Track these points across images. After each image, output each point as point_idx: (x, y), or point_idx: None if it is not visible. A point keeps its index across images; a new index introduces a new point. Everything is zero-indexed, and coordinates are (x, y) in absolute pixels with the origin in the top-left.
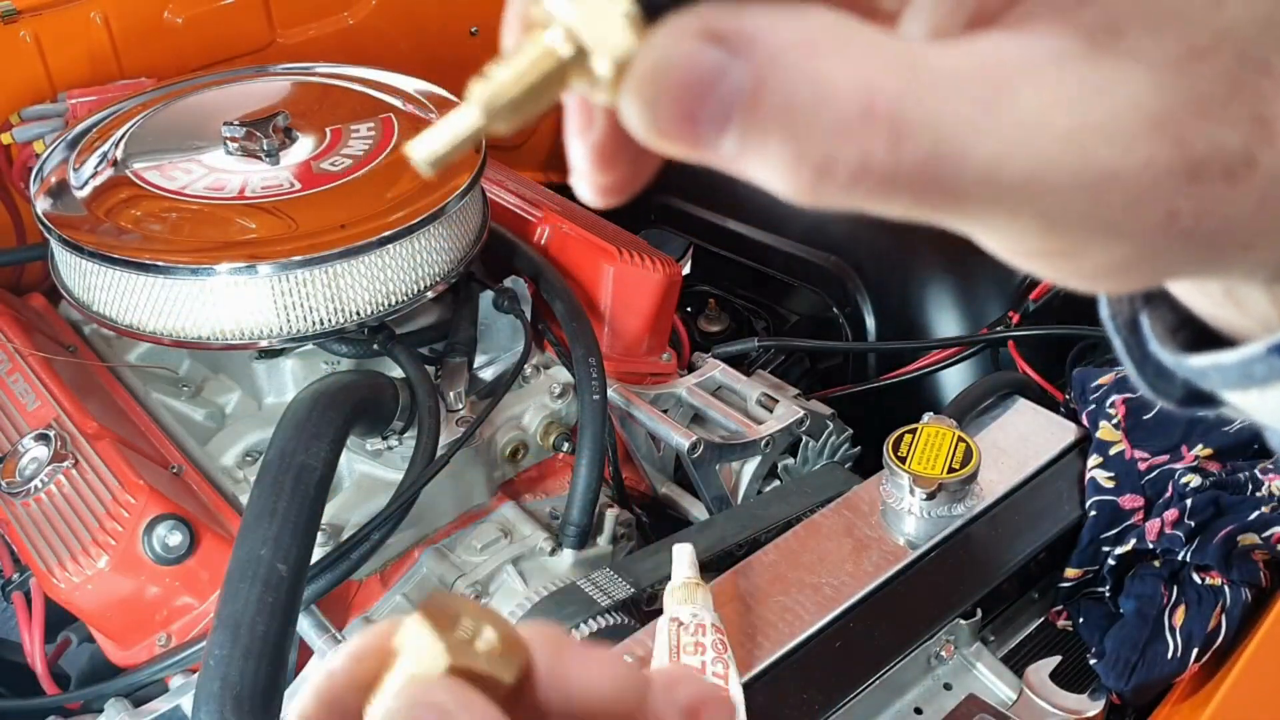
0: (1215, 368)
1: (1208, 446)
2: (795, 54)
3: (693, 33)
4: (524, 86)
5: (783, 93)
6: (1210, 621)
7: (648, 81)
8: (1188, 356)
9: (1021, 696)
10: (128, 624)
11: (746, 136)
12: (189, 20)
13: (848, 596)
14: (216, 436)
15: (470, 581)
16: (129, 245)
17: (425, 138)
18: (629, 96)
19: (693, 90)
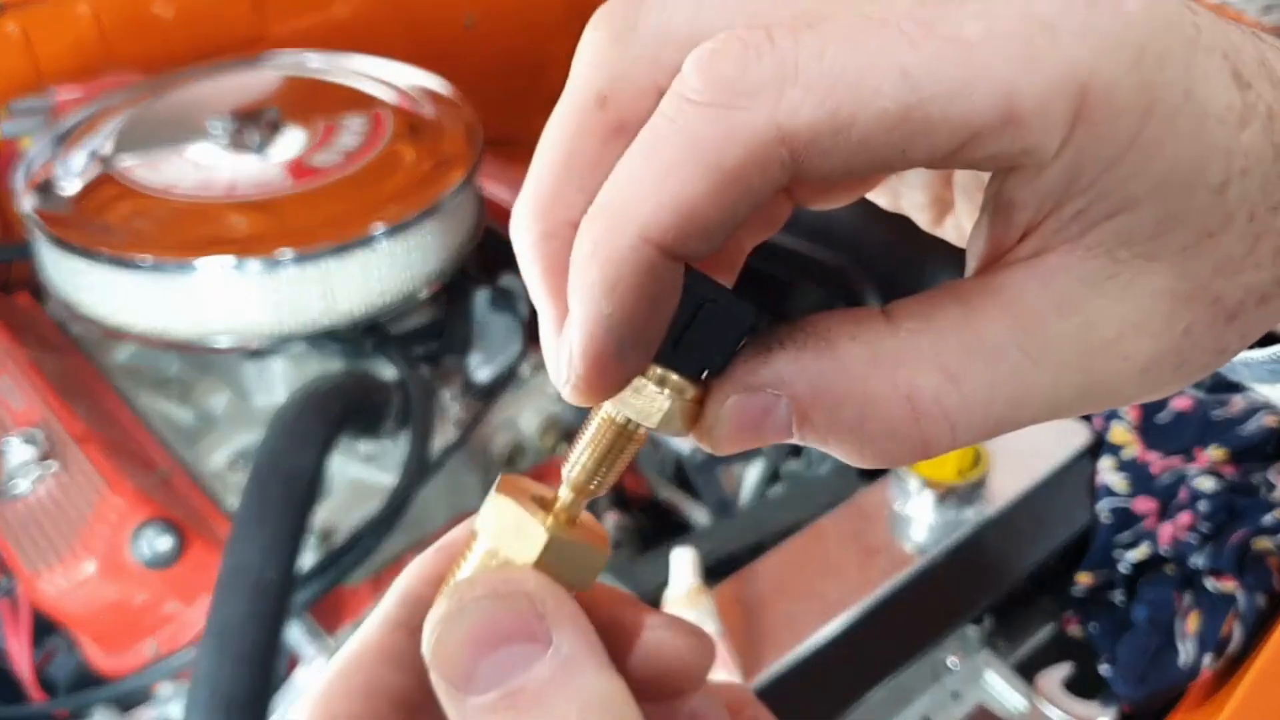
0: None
1: (1222, 448)
2: (832, 385)
3: (730, 392)
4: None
5: (829, 416)
6: (1223, 628)
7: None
8: None
9: (1032, 705)
10: (115, 629)
11: (806, 440)
12: (179, 13)
13: (854, 603)
14: (205, 439)
15: None
16: (116, 242)
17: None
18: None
19: (747, 433)
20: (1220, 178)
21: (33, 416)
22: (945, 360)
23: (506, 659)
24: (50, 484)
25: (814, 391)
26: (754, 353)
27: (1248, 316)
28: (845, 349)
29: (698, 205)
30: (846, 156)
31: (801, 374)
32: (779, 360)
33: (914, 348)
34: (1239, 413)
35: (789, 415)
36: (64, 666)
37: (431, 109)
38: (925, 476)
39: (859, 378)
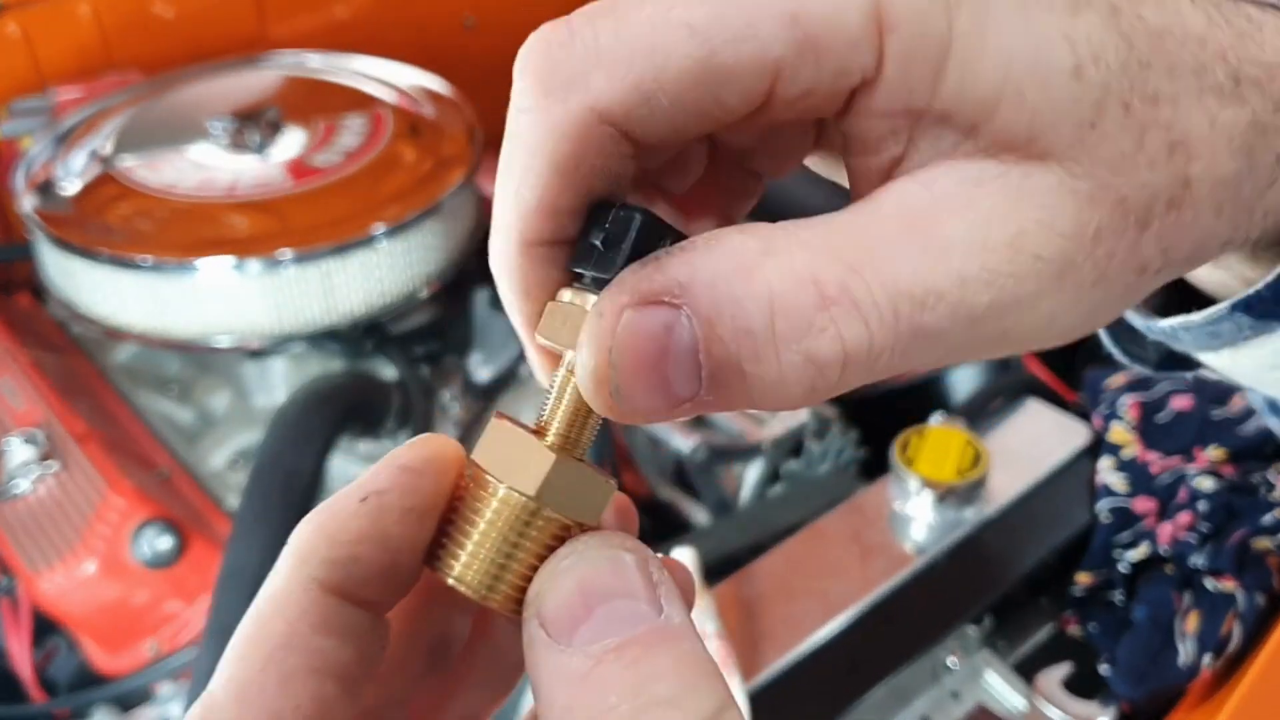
0: (1184, 327)
1: (1221, 448)
2: (728, 281)
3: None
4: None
5: (734, 321)
6: (1223, 627)
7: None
8: (1157, 320)
9: (1032, 704)
10: (115, 629)
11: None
12: (180, 13)
13: (853, 603)
14: (205, 438)
15: None
16: (116, 243)
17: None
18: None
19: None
20: (1069, 61)
21: (34, 417)
22: (844, 253)
23: (617, 613)
24: (51, 484)
25: (713, 294)
26: (643, 264)
27: (1161, 225)
28: (737, 243)
29: (554, 197)
30: (669, 118)
31: (697, 274)
32: (669, 264)
33: (806, 239)
34: (1238, 413)
35: (692, 338)
36: (64, 666)
37: (431, 109)
38: (925, 476)
39: (758, 269)
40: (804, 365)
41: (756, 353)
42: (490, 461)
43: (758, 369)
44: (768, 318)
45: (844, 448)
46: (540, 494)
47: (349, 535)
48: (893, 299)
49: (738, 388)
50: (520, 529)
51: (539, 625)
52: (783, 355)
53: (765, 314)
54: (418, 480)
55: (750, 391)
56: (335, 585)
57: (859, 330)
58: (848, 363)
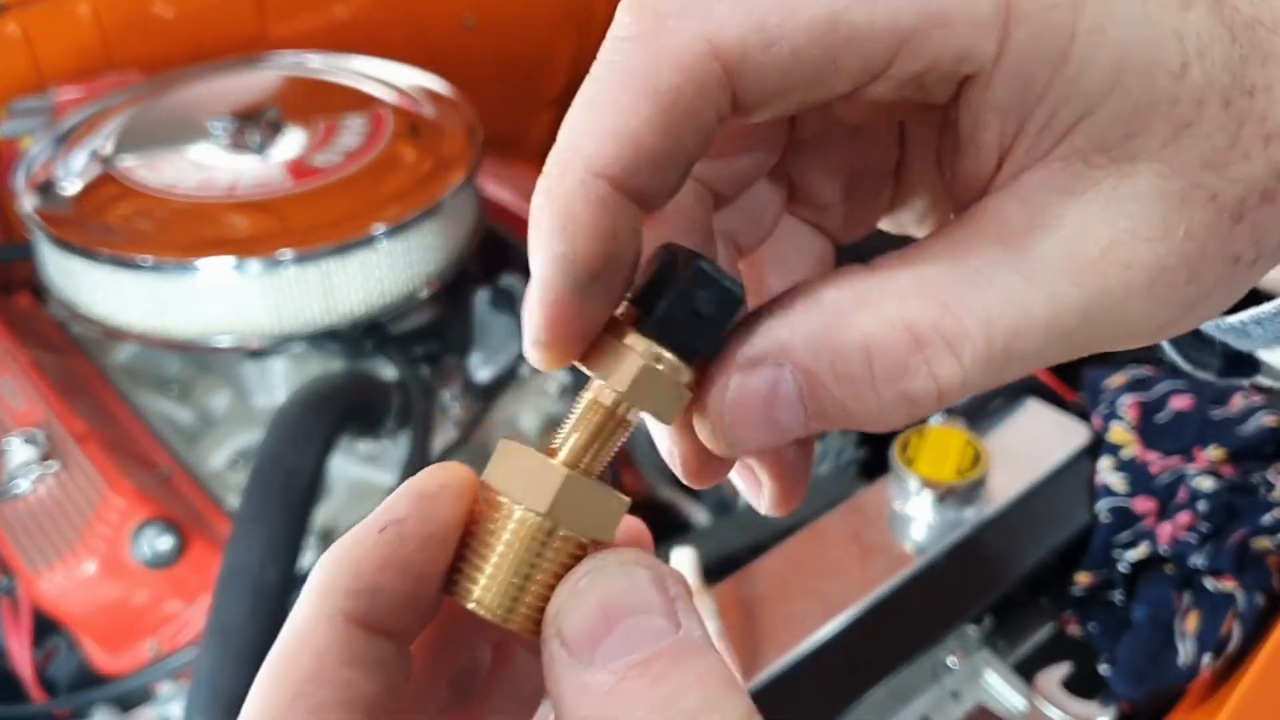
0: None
1: (1221, 448)
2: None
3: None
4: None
5: (834, 370)
6: (1223, 627)
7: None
8: (1225, 317)
9: (1031, 704)
10: (115, 629)
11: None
12: (180, 13)
13: (853, 603)
14: (205, 438)
15: None
16: (117, 243)
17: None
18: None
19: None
20: (1177, 60)
21: (34, 417)
22: (934, 290)
23: (638, 630)
24: (51, 484)
25: (813, 348)
26: (743, 328)
27: (1254, 217)
28: (831, 297)
29: (640, 132)
30: (781, 71)
31: (796, 332)
32: (770, 326)
33: (898, 283)
34: (1238, 413)
35: (797, 388)
36: (65, 666)
37: (431, 109)
38: (925, 476)
39: (852, 320)
40: (901, 401)
41: (858, 394)
42: (502, 483)
43: (859, 406)
44: (865, 362)
45: (844, 448)
46: (553, 511)
47: (371, 565)
48: (986, 330)
49: (841, 419)
50: (536, 549)
51: (560, 644)
52: (882, 395)
53: (863, 362)
54: (434, 506)
55: (852, 421)
56: (360, 616)
57: (952, 367)
58: (942, 395)
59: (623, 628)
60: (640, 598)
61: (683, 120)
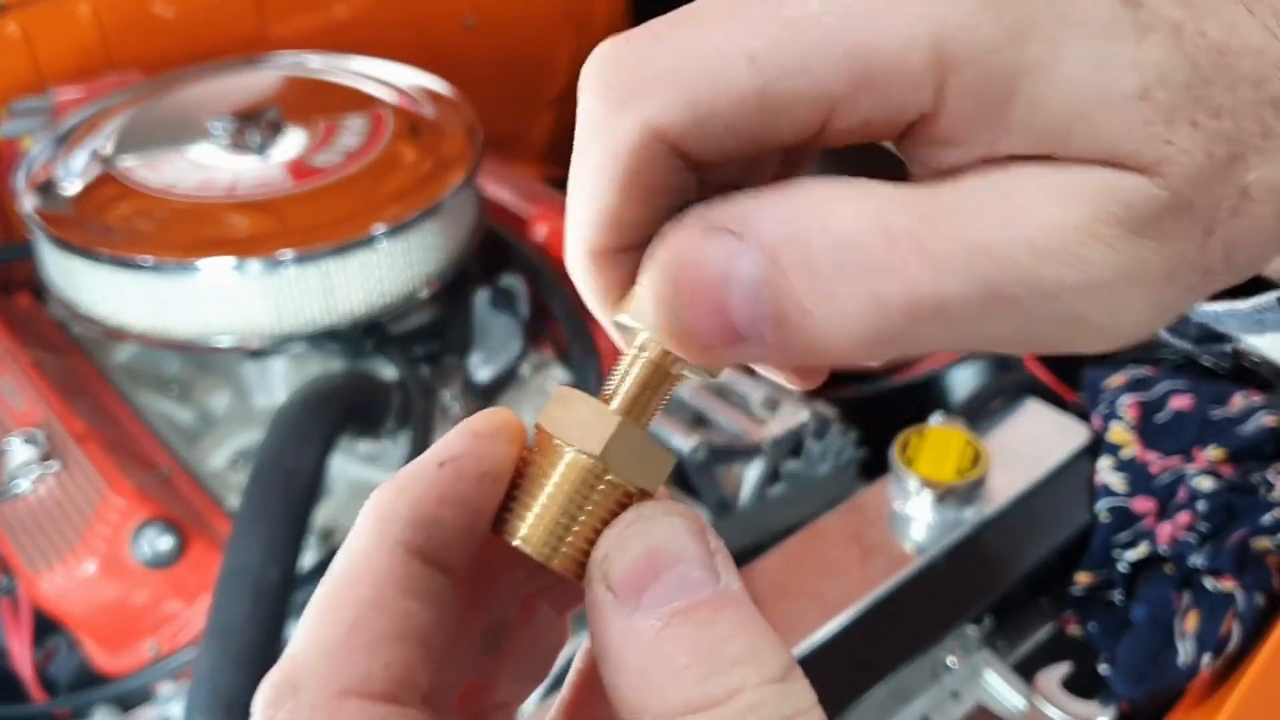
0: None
1: (1220, 448)
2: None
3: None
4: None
5: (799, 257)
6: (1222, 627)
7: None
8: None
9: (1031, 704)
10: (115, 629)
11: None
12: (180, 13)
13: (853, 603)
14: (206, 438)
15: None
16: (117, 243)
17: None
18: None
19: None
20: (1137, 85)
21: (34, 417)
22: (917, 206)
23: (682, 579)
24: (51, 484)
25: (782, 229)
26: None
27: (1225, 231)
28: (813, 187)
29: (618, 209)
30: (720, 139)
31: (765, 208)
32: (737, 198)
33: (881, 190)
34: (1238, 413)
35: (756, 269)
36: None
37: (431, 109)
38: (924, 476)
39: (825, 209)
40: (869, 307)
41: (820, 290)
42: (557, 426)
43: (821, 308)
44: (833, 256)
45: (844, 448)
46: (605, 455)
47: (431, 498)
48: (965, 251)
49: (800, 328)
50: (585, 491)
51: (606, 588)
52: (849, 295)
53: (831, 252)
54: (490, 445)
55: (813, 333)
56: (418, 547)
57: (927, 277)
58: (913, 310)
59: (668, 575)
60: (686, 547)
61: (646, 189)
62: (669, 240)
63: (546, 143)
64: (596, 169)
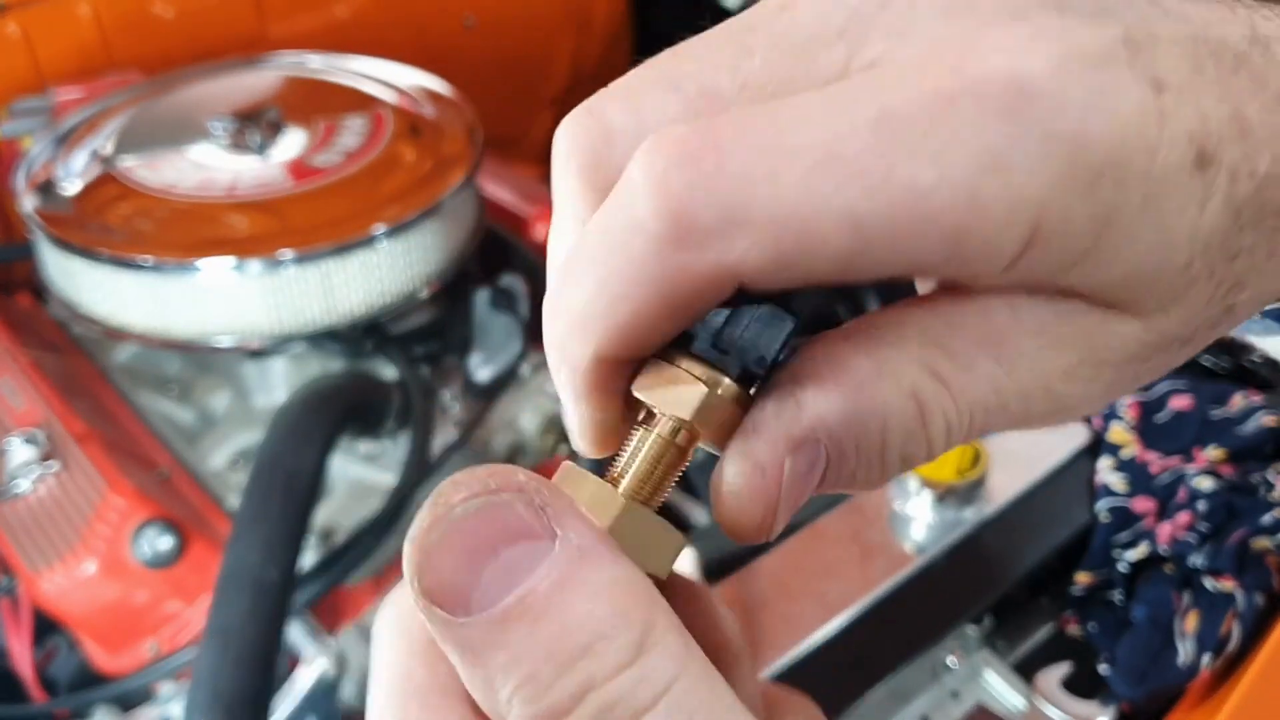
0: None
1: (1220, 448)
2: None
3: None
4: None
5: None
6: (1222, 627)
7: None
8: None
9: (1031, 704)
10: (115, 629)
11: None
12: (180, 13)
13: (853, 603)
14: (206, 438)
15: None
16: (117, 243)
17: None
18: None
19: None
20: (1184, 259)
21: (34, 417)
22: (935, 367)
23: (508, 564)
24: (51, 484)
25: (845, 423)
26: (782, 405)
27: (1199, 340)
28: (858, 366)
29: (648, 325)
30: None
31: (832, 407)
32: (808, 401)
33: (907, 357)
34: (1237, 412)
35: (825, 463)
36: (65, 666)
37: (432, 109)
38: (924, 476)
39: (875, 392)
40: (899, 466)
41: (869, 464)
42: None
43: (865, 475)
44: (881, 436)
45: None
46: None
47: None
48: (971, 411)
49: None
50: None
51: (429, 604)
52: (888, 462)
53: (880, 433)
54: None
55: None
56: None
57: (941, 436)
58: (927, 459)
59: (490, 567)
60: (501, 524)
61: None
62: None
63: (546, 143)
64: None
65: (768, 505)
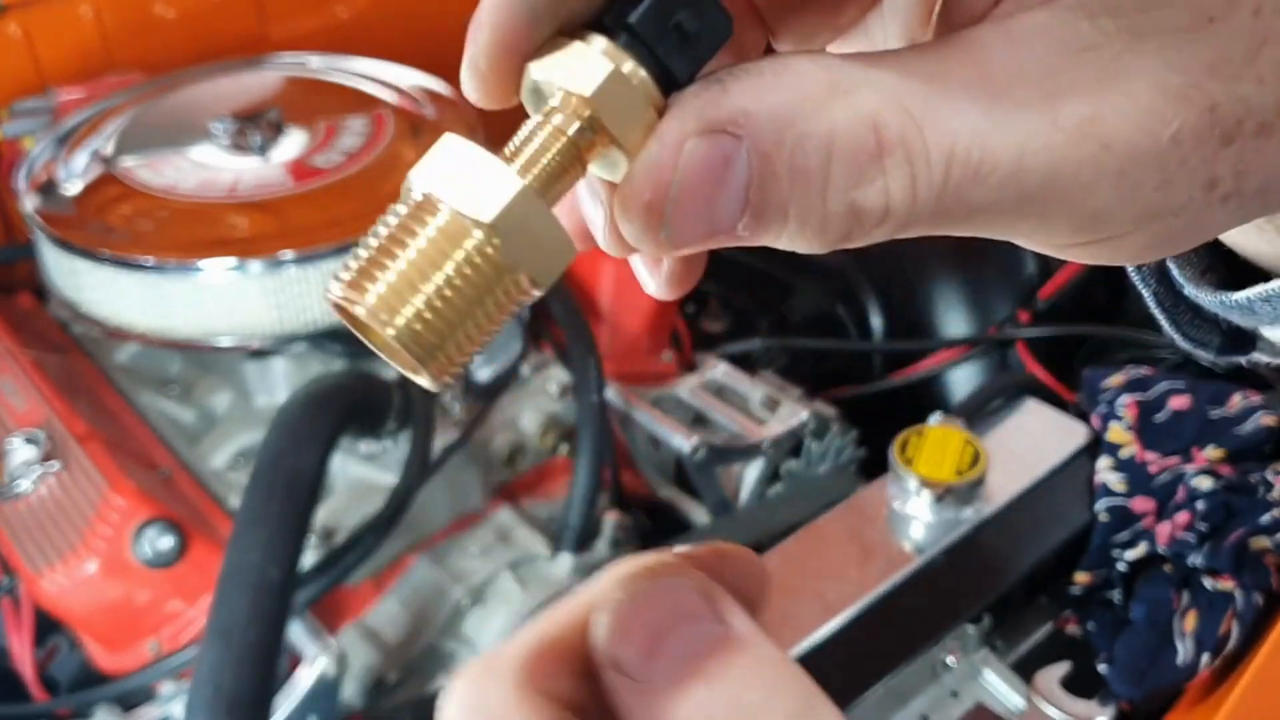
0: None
1: (1219, 448)
2: (793, 116)
3: (691, 131)
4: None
5: (791, 161)
6: (1221, 626)
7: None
8: (1231, 294)
9: (1030, 703)
10: (117, 629)
11: (763, 217)
12: (181, 14)
13: (852, 602)
14: (207, 438)
15: (467, 587)
16: (118, 243)
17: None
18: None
19: (705, 191)
20: None
21: (35, 417)
22: (908, 100)
23: (685, 638)
24: (52, 483)
25: (778, 127)
26: (707, 86)
27: (1244, 145)
28: (807, 73)
29: None
30: None
31: (764, 103)
32: (736, 90)
33: (878, 79)
34: (1236, 412)
35: (748, 172)
36: (66, 665)
37: (432, 109)
38: (924, 476)
39: (823, 105)
40: (846, 214)
41: (807, 196)
42: (436, 179)
43: (803, 212)
44: (824, 160)
45: (843, 447)
46: (497, 225)
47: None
48: (946, 159)
49: (778, 226)
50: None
51: (617, 673)
52: (830, 202)
53: (823, 157)
54: None
55: (788, 230)
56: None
57: (906, 186)
58: (887, 217)
59: (671, 639)
60: (679, 607)
61: None
62: (664, 137)
63: None
64: None
65: (657, 185)
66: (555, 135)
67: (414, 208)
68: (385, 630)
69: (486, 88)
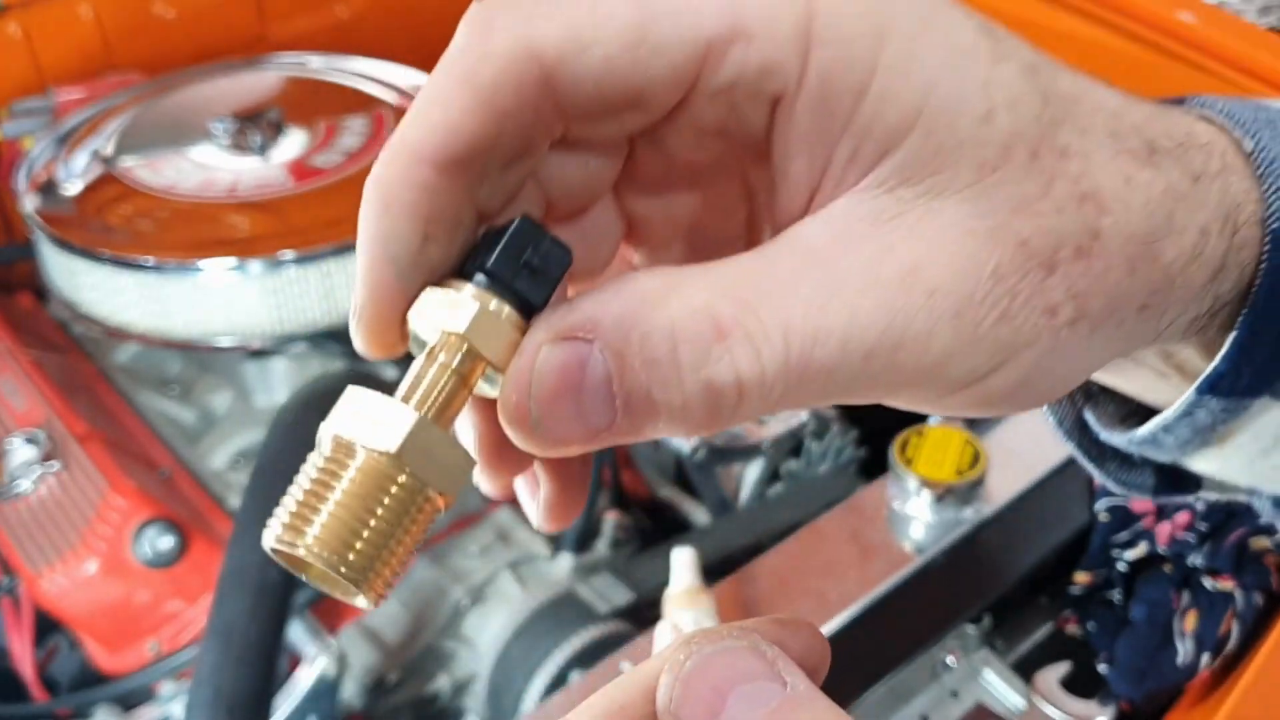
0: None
1: None
2: (635, 316)
3: (542, 340)
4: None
5: (642, 353)
6: (1221, 626)
7: (525, 403)
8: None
9: (1030, 703)
10: (116, 629)
11: (633, 407)
12: (181, 14)
13: (852, 602)
14: (207, 438)
15: (467, 587)
16: (118, 243)
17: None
18: (511, 421)
19: (567, 390)
20: (983, 106)
21: (35, 417)
22: (739, 292)
23: (749, 696)
24: (52, 484)
25: (622, 327)
26: (560, 305)
27: (1069, 270)
28: (642, 282)
29: (461, 122)
30: (595, 77)
31: (607, 310)
32: (582, 304)
33: (707, 278)
34: None
35: (605, 370)
36: (66, 665)
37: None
38: (924, 476)
39: (661, 305)
40: (705, 392)
41: (664, 380)
42: (346, 425)
43: (665, 395)
44: (671, 347)
45: (843, 447)
46: (402, 454)
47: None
48: (784, 331)
49: (648, 414)
50: (377, 494)
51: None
52: (686, 382)
53: (669, 344)
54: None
55: (659, 417)
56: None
57: (751, 360)
58: (743, 391)
59: (734, 699)
60: (743, 668)
61: (502, 113)
62: (524, 349)
63: None
64: (454, 77)
65: (519, 386)
66: (441, 370)
67: (332, 451)
68: (385, 630)
69: (373, 340)
